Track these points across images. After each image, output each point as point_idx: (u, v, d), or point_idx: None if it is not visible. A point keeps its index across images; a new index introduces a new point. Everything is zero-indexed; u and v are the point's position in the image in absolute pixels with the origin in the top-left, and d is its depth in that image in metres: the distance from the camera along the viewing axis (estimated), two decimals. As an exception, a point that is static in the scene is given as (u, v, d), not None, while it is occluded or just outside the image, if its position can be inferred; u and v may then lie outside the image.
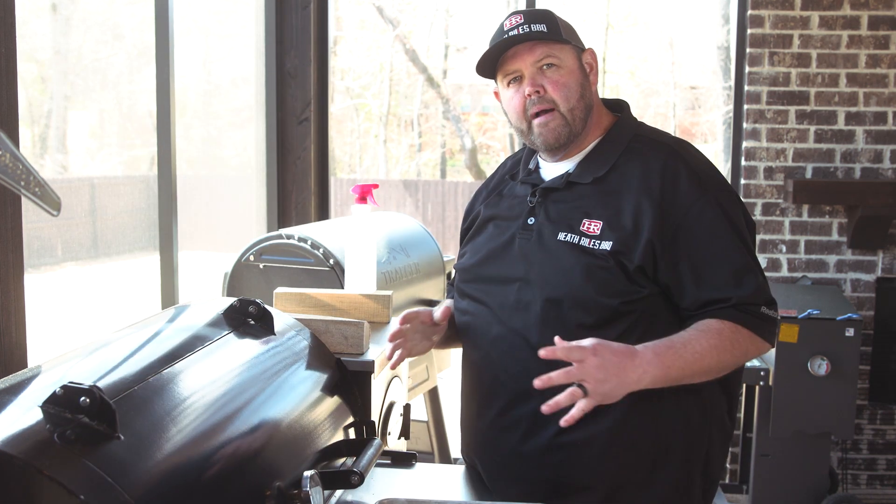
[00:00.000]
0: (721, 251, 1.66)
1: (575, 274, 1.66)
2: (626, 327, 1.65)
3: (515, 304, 1.72)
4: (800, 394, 3.45)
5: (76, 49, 4.11)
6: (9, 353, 1.78)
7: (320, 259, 2.59)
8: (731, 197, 1.72)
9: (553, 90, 1.72)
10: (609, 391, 1.53)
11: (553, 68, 1.73)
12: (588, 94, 1.76)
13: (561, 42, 1.73)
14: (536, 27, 1.71)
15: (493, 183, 1.94)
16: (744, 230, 1.70)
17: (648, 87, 13.61)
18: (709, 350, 1.60)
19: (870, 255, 3.87)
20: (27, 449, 1.06)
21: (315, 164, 3.93)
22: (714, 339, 1.61)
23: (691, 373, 1.60)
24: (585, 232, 1.68)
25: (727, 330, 1.62)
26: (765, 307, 1.66)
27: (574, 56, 1.76)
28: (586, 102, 1.76)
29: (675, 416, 1.68)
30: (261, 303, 1.75)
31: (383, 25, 13.15)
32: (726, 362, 1.63)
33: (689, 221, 1.65)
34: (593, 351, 1.52)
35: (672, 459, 1.69)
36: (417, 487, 1.79)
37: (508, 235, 1.78)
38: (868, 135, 3.85)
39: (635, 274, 1.64)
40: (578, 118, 1.74)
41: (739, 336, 1.63)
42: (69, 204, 4.27)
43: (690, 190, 1.67)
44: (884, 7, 3.78)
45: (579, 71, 1.76)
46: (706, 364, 1.60)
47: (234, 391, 1.46)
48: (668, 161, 1.70)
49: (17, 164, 1.17)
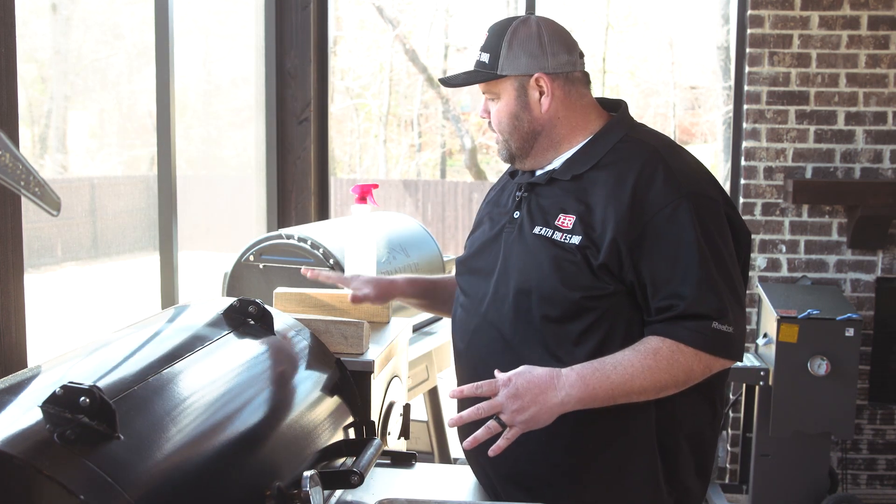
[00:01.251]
0: (682, 259, 1.62)
1: (544, 266, 1.68)
2: (589, 323, 1.66)
3: (493, 296, 1.76)
4: (800, 394, 3.45)
5: (76, 49, 4.11)
6: (9, 353, 1.78)
7: (320, 259, 2.59)
8: (710, 206, 1.67)
9: (493, 121, 1.81)
10: (530, 418, 1.57)
11: (493, 101, 1.81)
12: (525, 124, 1.78)
13: (493, 79, 1.77)
14: (483, 56, 1.78)
15: (499, 182, 1.98)
16: (716, 242, 1.65)
17: (648, 87, 13.61)
18: (641, 371, 1.59)
19: (870, 255, 3.88)
20: (27, 449, 1.06)
21: (315, 165, 3.93)
22: (649, 359, 1.60)
23: (622, 393, 1.60)
24: (559, 226, 1.70)
25: (665, 349, 1.60)
26: (716, 322, 1.61)
27: (512, 87, 1.77)
28: (522, 132, 1.78)
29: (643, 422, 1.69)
30: (261, 303, 1.75)
31: (383, 25, 13.15)
32: (663, 382, 1.61)
33: (656, 224, 1.63)
34: (504, 383, 1.58)
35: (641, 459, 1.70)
36: (417, 487, 1.79)
37: (497, 229, 1.82)
38: (868, 135, 3.85)
39: (599, 270, 1.65)
40: (515, 146, 1.80)
41: (679, 355, 1.60)
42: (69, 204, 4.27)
43: (664, 192, 1.64)
44: (884, 7, 3.78)
45: (514, 102, 1.77)
46: (638, 385, 1.59)
47: (233, 391, 1.46)
48: (647, 162, 1.69)
49: (17, 164, 1.17)
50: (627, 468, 1.70)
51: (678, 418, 1.71)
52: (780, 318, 3.44)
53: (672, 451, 1.71)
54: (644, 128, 1.82)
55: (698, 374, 1.63)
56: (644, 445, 1.70)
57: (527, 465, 1.72)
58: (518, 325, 1.70)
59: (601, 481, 1.71)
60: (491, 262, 1.79)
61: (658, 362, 1.60)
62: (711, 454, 1.81)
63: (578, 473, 1.71)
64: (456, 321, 1.88)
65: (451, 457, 3.15)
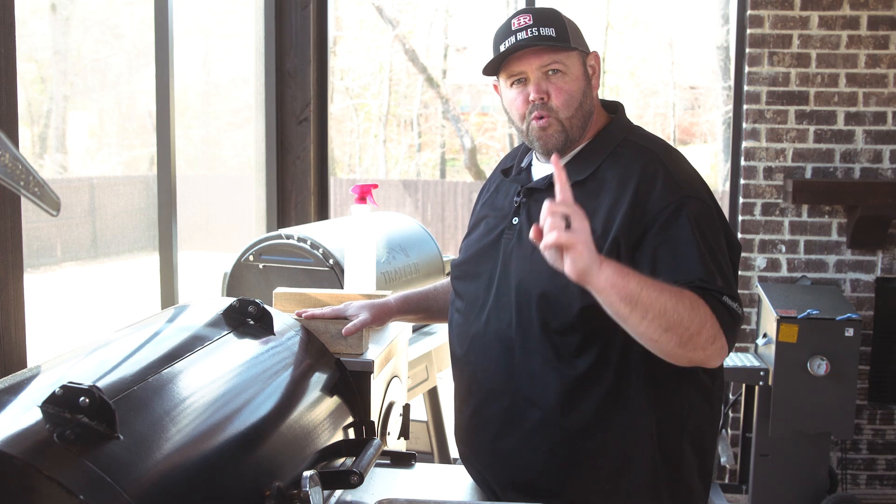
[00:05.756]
0: (683, 255, 1.60)
1: (544, 275, 1.65)
2: (589, 332, 1.65)
3: (494, 302, 1.74)
4: (799, 394, 3.45)
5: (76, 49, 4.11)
6: (9, 353, 1.78)
7: (320, 259, 2.59)
8: (707, 211, 1.66)
9: (556, 98, 1.71)
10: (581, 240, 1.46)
11: (559, 74, 1.72)
12: (588, 101, 1.75)
13: (569, 49, 1.72)
14: (545, 31, 1.70)
15: (491, 180, 1.96)
16: (711, 243, 1.63)
17: (648, 87, 13.60)
18: (669, 295, 1.51)
19: (869, 255, 3.88)
20: (27, 449, 1.06)
21: (314, 164, 3.93)
22: (676, 292, 1.52)
23: (646, 301, 1.48)
24: None
25: (689, 294, 1.54)
26: (727, 297, 1.57)
27: (579, 62, 1.74)
28: (586, 110, 1.75)
29: (643, 425, 1.68)
30: (260, 303, 1.75)
31: (383, 25, 13.14)
32: (678, 318, 1.50)
33: (657, 224, 1.62)
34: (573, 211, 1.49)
35: (640, 468, 1.69)
36: (417, 487, 1.79)
37: (496, 234, 1.81)
38: (868, 135, 3.85)
39: None
40: (576, 126, 1.74)
41: (700, 306, 1.53)
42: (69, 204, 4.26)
43: (664, 195, 1.64)
44: (883, 7, 3.78)
45: (583, 77, 1.74)
46: (660, 305, 1.49)
47: (233, 391, 1.46)
48: (647, 166, 1.68)
49: (16, 164, 1.17)
50: (628, 473, 1.70)
51: (678, 420, 1.71)
52: (780, 318, 3.44)
53: (675, 455, 1.71)
54: (641, 131, 1.82)
55: (705, 335, 1.53)
56: (645, 450, 1.69)
57: (526, 473, 1.72)
58: (519, 334, 1.69)
59: (601, 491, 1.70)
60: (489, 267, 1.78)
61: (683, 298, 1.52)
62: (712, 455, 1.81)
63: (578, 480, 1.70)
64: (453, 326, 1.86)
65: (450, 457, 3.15)
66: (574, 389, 1.66)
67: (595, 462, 1.69)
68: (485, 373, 1.75)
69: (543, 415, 1.68)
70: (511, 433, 1.72)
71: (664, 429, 1.69)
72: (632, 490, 1.70)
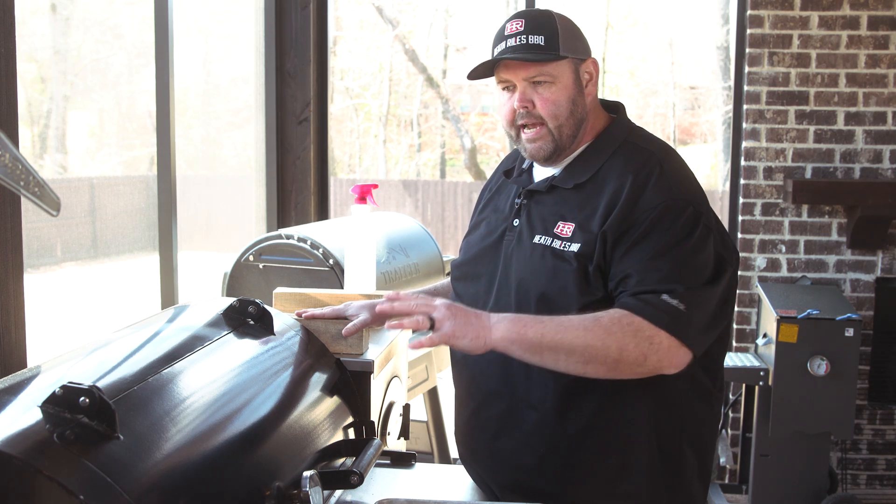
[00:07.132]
0: (656, 249, 1.59)
1: (543, 276, 1.66)
2: None
3: (495, 304, 1.75)
4: (799, 394, 3.45)
5: (76, 49, 4.11)
6: (9, 353, 1.78)
7: (320, 259, 2.59)
8: (695, 217, 1.64)
9: (542, 107, 1.71)
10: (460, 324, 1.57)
11: (545, 84, 1.71)
12: (580, 108, 1.74)
13: (556, 59, 1.70)
14: (534, 39, 1.69)
15: (492, 180, 1.96)
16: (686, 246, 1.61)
17: (648, 88, 13.60)
18: (575, 329, 1.54)
19: (869, 255, 3.88)
20: (27, 449, 1.06)
21: (314, 164, 3.93)
22: (588, 321, 1.55)
23: (550, 343, 1.54)
24: (558, 234, 1.68)
25: (606, 318, 1.55)
26: (666, 295, 1.56)
27: (570, 69, 1.72)
28: (577, 118, 1.73)
29: (642, 427, 1.68)
30: (260, 303, 1.75)
31: (383, 25, 13.14)
32: (593, 348, 1.54)
33: (642, 220, 1.62)
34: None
35: (639, 470, 1.69)
36: (417, 487, 1.79)
37: (497, 235, 1.81)
38: (867, 135, 3.85)
39: (594, 275, 1.63)
40: (566, 134, 1.73)
41: (616, 327, 1.54)
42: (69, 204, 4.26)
43: (654, 196, 1.63)
44: (883, 7, 3.78)
45: (573, 86, 1.72)
46: (568, 341, 1.54)
47: (233, 391, 1.46)
48: (643, 166, 1.68)
49: (16, 164, 1.17)
50: (627, 475, 1.69)
51: (678, 421, 1.70)
52: (780, 318, 3.44)
53: (674, 456, 1.71)
54: (642, 131, 1.82)
55: (633, 354, 1.54)
56: (644, 451, 1.69)
57: (525, 475, 1.72)
58: None
59: (600, 492, 1.70)
60: (490, 269, 1.78)
61: (595, 326, 1.55)
62: (711, 456, 1.80)
63: (577, 481, 1.70)
64: None
65: (450, 457, 3.15)
66: (572, 391, 1.66)
67: (593, 464, 1.69)
68: (483, 374, 1.75)
69: (541, 417, 1.68)
70: (509, 435, 1.72)
71: (663, 430, 1.69)
72: (631, 491, 1.70)
